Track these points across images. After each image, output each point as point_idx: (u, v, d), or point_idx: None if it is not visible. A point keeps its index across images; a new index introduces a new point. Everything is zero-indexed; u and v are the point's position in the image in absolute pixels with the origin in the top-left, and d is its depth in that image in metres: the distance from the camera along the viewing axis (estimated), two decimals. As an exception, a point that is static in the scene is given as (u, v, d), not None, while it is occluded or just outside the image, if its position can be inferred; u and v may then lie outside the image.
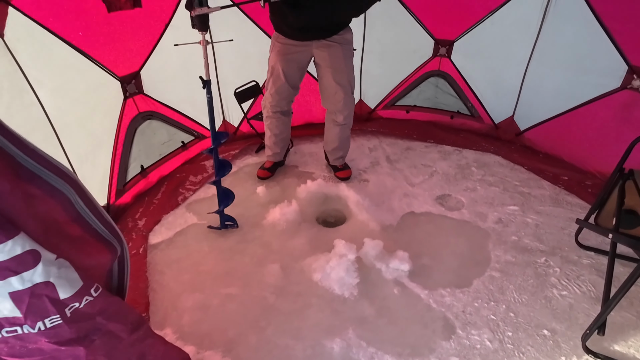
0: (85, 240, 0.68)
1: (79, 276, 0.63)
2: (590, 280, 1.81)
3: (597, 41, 2.31)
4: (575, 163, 2.66)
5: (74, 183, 0.64)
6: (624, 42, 2.23)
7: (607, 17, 2.24)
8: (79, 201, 0.65)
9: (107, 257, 0.73)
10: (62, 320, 0.62)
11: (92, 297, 0.66)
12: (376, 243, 1.90)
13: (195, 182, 2.62)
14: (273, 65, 2.25)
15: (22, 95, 1.71)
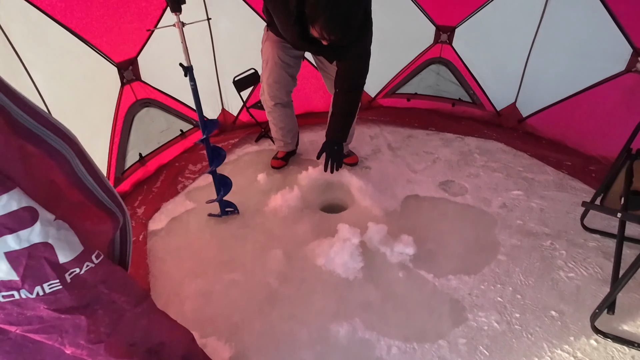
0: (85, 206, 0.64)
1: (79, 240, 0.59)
2: (597, 262, 1.79)
3: (601, 24, 2.28)
4: (578, 148, 2.64)
5: (75, 145, 0.61)
6: (628, 24, 2.20)
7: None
8: (79, 165, 0.61)
9: (109, 226, 0.69)
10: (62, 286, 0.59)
11: (94, 264, 0.62)
12: (380, 227, 1.87)
13: (194, 170, 2.58)
14: (268, 56, 2.14)
15: (17, 77, 1.67)
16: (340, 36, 1.59)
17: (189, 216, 2.17)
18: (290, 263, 1.82)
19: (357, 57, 1.93)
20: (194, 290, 1.68)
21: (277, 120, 2.41)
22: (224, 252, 1.90)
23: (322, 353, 1.43)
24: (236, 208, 2.15)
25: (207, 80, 2.84)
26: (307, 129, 3.08)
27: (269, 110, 2.39)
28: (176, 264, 1.84)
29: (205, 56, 2.73)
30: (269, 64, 2.17)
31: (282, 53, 2.11)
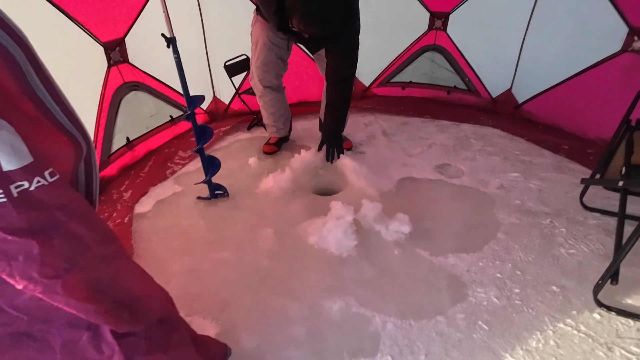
0: (41, 123, 0.57)
1: (28, 150, 0.52)
2: (598, 239, 1.74)
3: (597, 3, 2.25)
4: (575, 132, 2.60)
5: (26, 47, 0.54)
6: (623, 2, 2.18)
7: (606, -23, 2.19)
8: (32, 74, 0.55)
9: (70, 152, 0.63)
10: (6, 199, 0.51)
11: (47, 182, 0.55)
12: (375, 205, 1.81)
13: (184, 157, 2.52)
14: (257, 38, 2.10)
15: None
16: (318, 29, 1.56)
17: (177, 199, 2.09)
18: (282, 242, 1.75)
19: (343, 50, 1.90)
20: (180, 269, 1.61)
21: (268, 105, 2.35)
22: (212, 231, 1.83)
23: (315, 328, 1.36)
24: (226, 191, 2.08)
25: (198, 67, 2.79)
26: (300, 117, 3.02)
27: (259, 95, 2.33)
28: (162, 243, 1.76)
29: (196, 41, 2.69)
30: (259, 46, 2.12)
31: (271, 34, 2.07)
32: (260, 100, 2.36)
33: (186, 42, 2.59)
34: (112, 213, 1.97)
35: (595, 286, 1.43)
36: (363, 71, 3.24)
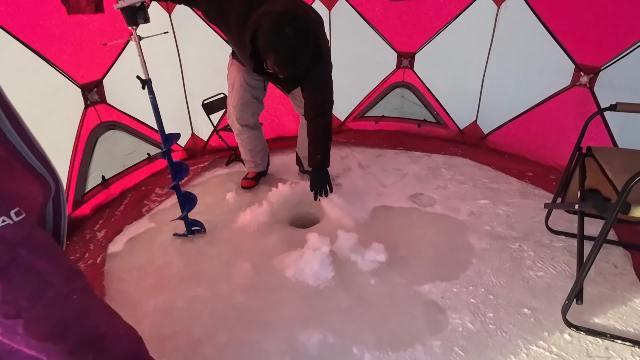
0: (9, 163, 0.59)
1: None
2: (564, 260, 1.81)
3: (545, 43, 2.48)
4: (537, 160, 2.76)
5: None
6: (568, 42, 2.41)
7: (550, 21, 2.43)
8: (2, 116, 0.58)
9: (38, 192, 0.64)
10: (-31, 235, 0.52)
11: (12, 221, 0.56)
12: (350, 235, 1.84)
13: (161, 194, 2.51)
14: (234, 79, 2.19)
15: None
16: (291, 71, 1.64)
17: (152, 236, 2.07)
18: (258, 275, 1.74)
19: (317, 87, 1.98)
20: (153, 308, 1.57)
21: (245, 142, 2.41)
22: (188, 268, 1.81)
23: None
24: (203, 227, 2.08)
25: (176, 106, 2.85)
26: (278, 152, 3.09)
27: (237, 133, 2.39)
28: (135, 282, 1.72)
29: (175, 81, 2.77)
30: (235, 87, 2.20)
31: (247, 76, 2.16)
32: (238, 137, 2.41)
33: (165, 82, 2.68)
34: (84, 253, 1.93)
35: (563, 306, 1.48)
36: (338, 107, 3.34)
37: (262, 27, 1.54)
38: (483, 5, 2.68)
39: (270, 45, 1.55)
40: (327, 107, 2.06)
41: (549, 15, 2.43)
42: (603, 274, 1.72)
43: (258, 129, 2.44)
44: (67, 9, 1.93)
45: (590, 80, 2.36)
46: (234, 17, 1.73)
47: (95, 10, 2.07)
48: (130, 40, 1.62)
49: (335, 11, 2.97)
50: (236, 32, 1.77)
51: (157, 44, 2.54)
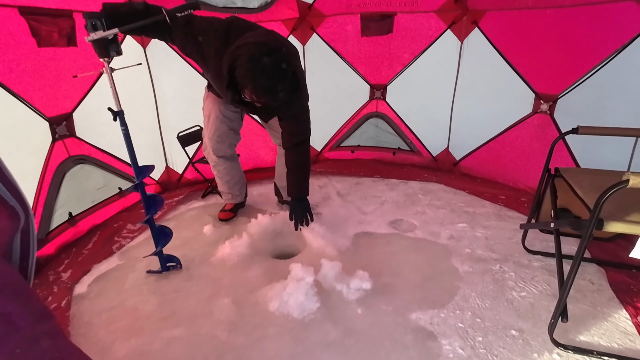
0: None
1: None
2: (544, 279, 1.85)
3: (507, 74, 2.66)
4: (508, 183, 2.87)
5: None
6: (527, 74, 2.59)
7: (509, 54, 2.62)
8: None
9: (6, 223, 0.58)
10: None
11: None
12: (334, 264, 1.81)
13: (133, 230, 2.39)
14: (209, 111, 2.18)
15: None
16: (270, 100, 1.66)
17: (124, 275, 1.94)
18: (240, 311, 1.65)
19: (295, 116, 2.01)
20: (126, 352, 1.44)
21: (222, 174, 2.37)
22: (164, 307, 1.69)
23: (279, 405, 1.25)
24: (179, 262, 1.98)
25: (150, 138, 2.79)
26: (256, 183, 3.06)
27: (213, 165, 2.35)
28: (106, 325, 1.59)
29: (149, 113, 2.72)
30: (211, 119, 2.19)
31: (223, 108, 2.16)
32: (215, 169, 2.37)
33: (139, 115, 2.64)
34: (46, 297, 1.77)
35: (549, 325, 1.49)
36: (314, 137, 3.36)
37: (240, 57, 1.56)
38: (448, 40, 2.86)
39: (249, 75, 1.57)
40: (305, 136, 2.08)
41: (508, 50, 2.63)
42: (582, 291, 1.76)
43: (235, 160, 2.42)
44: (37, 42, 1.89)
45: (550, 108, 2.53)
46: (210, 50, 1.75)
47: (67, 44, 2.03)
48: (103, 72, 1.59)
49: (309, 46, 3.08)
50: (213, 64, 1.78)
51: (132, 77, 2.52)
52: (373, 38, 3.05)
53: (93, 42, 1.50)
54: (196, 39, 1.76)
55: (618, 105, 2.18)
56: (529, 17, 2.44)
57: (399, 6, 2.88)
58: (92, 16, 1.46)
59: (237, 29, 1.72)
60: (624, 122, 2.12)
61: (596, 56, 2.20)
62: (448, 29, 2.83)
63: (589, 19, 2.18)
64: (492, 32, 2.66)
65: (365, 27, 3.01)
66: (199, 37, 1.75)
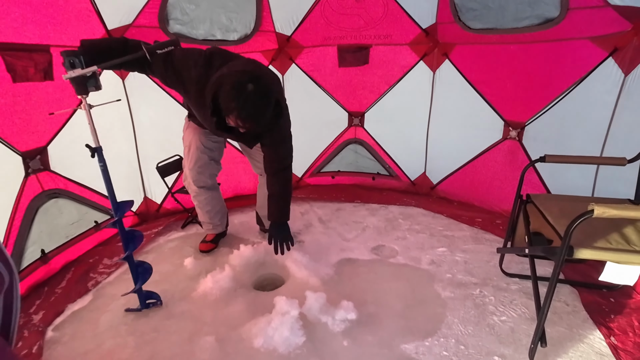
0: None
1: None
2: (522, 303, 1.90)
3: (477, 102, 2.80)
4: (484, 206, 2.98)
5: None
6: (495, 102, 2.74)
7: (478, 84, 2.78)
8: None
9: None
10: None
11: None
12: (319, 295, 1.81)
13: (110, 265, 2.31)
14: (190, 142, 2.18)
15: None
16: (254, 125, 1.68)
17: (99, 315, 1.86)
18: (223, 349, 1.61)
19: (278, 142, 2.03)
20: (103, 402, 1.37)
21: (202, 204, 2.35)
22: (143, 349, 1.63)
23: None
24: (159, 298, 1.92)
25: (128, 169, 2.74)
26: (237, 211, 3.04)
27: (194, 195, 2.33)
28: (81, 372, 1.51)
29: (127, 143, 2.69)
30: (192, 150, 2.19)
31: (203, 138, 2.17)
32: (195, 199, 2.35)
33: (117, 146, 2.60)
34: (16, 343, 1.67)
35: (529, 351, 1.53)
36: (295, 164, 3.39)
37: (224, 85, 1.59)
38: (421, 71, 3.01)
39: (233, 101, 1.58)
40: (287, 162, 2.10)
41: (477, 80, 2.78)
42: (558, 314, 1.82)
43: (216, 189, 2.40)
44: (12, 77, 1.86)
45: (519, 134, 2.67)
46: (192, 80, 1.77)
47: (44, 78, 2.01)
48: (80, 108, 1.58)
49: (288, 75, 3.15)
50: (195, 94, 1.80)
51: (110, 109, 2.50)
52: (350, 68, 3.16)
53: (71, 80, 1.49)
54: (177, 70, 1.77)
55: (579, 133, 2.33)
56: (495, 51, 2.61)
57: (373, 39, 3.02)
58: (69, 54, 1.47)
59: (219, 58, 1.75)
60: (584, 148, 2.28)
61: (557, 88, 2.37)
62: (420, 60, 2.98)
63: (549, 54, 2.36)
64: (462, 64, 2.82)
65: (342, 59, 3.12)
66: (180, 68, 1.77)
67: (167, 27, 2.54)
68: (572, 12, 2.11)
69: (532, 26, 2.31)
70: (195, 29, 2.67)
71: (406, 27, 2.90)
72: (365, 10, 2.91)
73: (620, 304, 1.86)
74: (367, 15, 2.94)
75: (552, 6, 2.18)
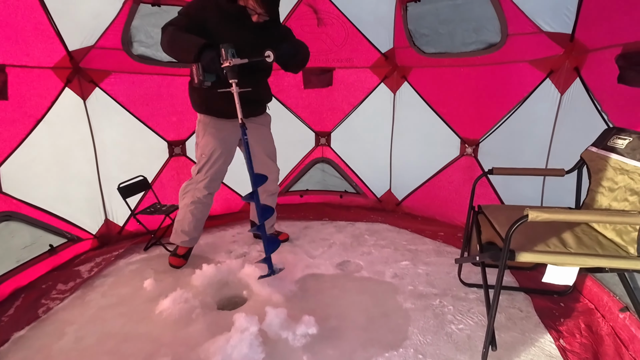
0: None
1: None
2: (479, 311, 1.96)
3: (435, 121, 2.96)
4: (446, 220, 3.08)
5: None
6: (451, 121, 2.91)
7: (435, 104, 2.94)
8: None
9: None
10: None
11: None
12: (279, 311, 1.80)
13: (64, 290, 2.21)
14: (208, 149, 2.20)
15: None
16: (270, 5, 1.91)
17: (51, 342, 1.77)
18: (180, 370, 1.57)
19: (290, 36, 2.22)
20: None
21: (197, 211, 2.35)
22: (94, 375, 1.56)
23: None
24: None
25: (88, 191, 2.68)
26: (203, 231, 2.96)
27: (195, 200, 2.32)
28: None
29: (88, 164, 2.63)
30: (210, 160, 2.22)
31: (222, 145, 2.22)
32: (192, 205, 2.33)
33: (76, 166, 2.55)
34: (-48, 376, 1.56)
35: (482, 355, 1.57)
36: (263, 183, 3.48)
37: None
38: (382, 92, 3.16)
39: None
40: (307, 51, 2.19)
41: (434, 100, 2.95)
42: (512, 319, 1.89)
43: (213, 198, 2.42)
44: (-37, 97, 1.82)
45: (474, 150, 2.83)
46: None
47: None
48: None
49: (255, 97, 3.22)
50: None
51: (69, 128, 2.48)
52: (315, 90, 3.27)
53: (230, 67, 1.79)
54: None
55: (526, 147, 2.50)
56: (448, 73, 2.79)
57: (337, 62, 3.16)
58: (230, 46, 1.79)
59: None
60: (532, 161, 2.43)
61: (505, 106, 2.54)
62: (381, 82, 3.13)
63: (495, 76, 2.54)
64: (419, 86, 2.98)
65: (307, 81, 3.23)
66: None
67: (130, 49, 2.57)
68: (511, 38, 2.31)
69: (478, 50, 2.50)
70: (161, 52, 2.70)
71: (366, 51, 3.06)
72: (327, 35, 3.06)
73: (569, 308, 1.95)
74: (329, 40, 3.08)
75: (494, 32, 2.38)
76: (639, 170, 1.50)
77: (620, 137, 1.66)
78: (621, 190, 1.58)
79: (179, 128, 2.97)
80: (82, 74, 2.47)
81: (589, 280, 1.99)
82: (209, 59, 1.77)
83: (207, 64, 1.78)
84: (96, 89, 2.54)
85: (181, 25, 1.89)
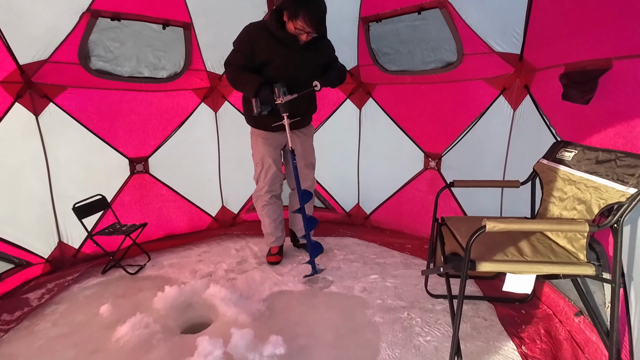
0: None
1: None
2: (445, 322, 1.99)
3: (399, 136, 3.04)
4: (413, 233, 3.13)
5: None
6: (415, 135, 2.99)
7: (398, 119, 3.03)
8: None
9: None
10: None
11: None
12: (245, 332, 1.74)
13: (9, 320, 2.04)
14: (261, 158, 2.46)
15: None
16: (318, 26, 2.02)
17: (-10, 379, 1.62)
18: (138, 402, 1.47)
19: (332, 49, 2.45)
20: None
21: (270, 212, 2.60)
22: (39, 413, 1.43)
23: None
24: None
25: (40, 210, 2.51)
26: (168, 251, 2.90)
27: (264, 204, 2.58)
28: None
29: (40, 183, 2.48)
30: (264, 167, 2.48)
31: (272, 153, 2.47)
32: (264, 209, 2.59)
33: (27, 185, 2.40)
34: None
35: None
36: (230, 200, 3.43)
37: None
38: (348, 108, 3.22)
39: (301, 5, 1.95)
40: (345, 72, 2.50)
41: (397, 116, 3.03)
42: (477, 329, 1.93)
43: (281, 197, 2.68)
44: None
45: (437, 164, 2.92)
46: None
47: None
48: None
49: (222, 113, 3.21)
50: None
51: (19, 146, 2.34)
52: (282, 106, 3.28)
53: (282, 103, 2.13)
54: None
55: (485, 161, 2.61)
56: (410, 90, 2.89)
57: (303, 79, 3.19)
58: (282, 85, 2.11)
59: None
60: (491, 174, 2.54)
61: (463, 122, 2.66)
62: (347, 98, 3.19)
63: (454, 93, 2.66)
64: (383, 102, 3.07)
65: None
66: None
67: (88, 63, 2.48)
68: (467, 57, 2.44)
69: (437, 69, 2.62)
70: (121, 66, 2.64)
71: (332, 69, 3.12)
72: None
73: (530, 315, 2.02)
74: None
75: (450, 52, 2.50)
76: (584, 181, 1.60)
77: (567, 150, 1.78)
78: (570, 199, 1.67)
79: (142, 144, 2.88)
80: (34, 89, 2.35)
81: (547, 287, 2.08)
82: (265, 96, 2.12)
83: (264, 100, 2.13)
84: (50, 104, 2.43)
85: (239, 65, 2.19)
